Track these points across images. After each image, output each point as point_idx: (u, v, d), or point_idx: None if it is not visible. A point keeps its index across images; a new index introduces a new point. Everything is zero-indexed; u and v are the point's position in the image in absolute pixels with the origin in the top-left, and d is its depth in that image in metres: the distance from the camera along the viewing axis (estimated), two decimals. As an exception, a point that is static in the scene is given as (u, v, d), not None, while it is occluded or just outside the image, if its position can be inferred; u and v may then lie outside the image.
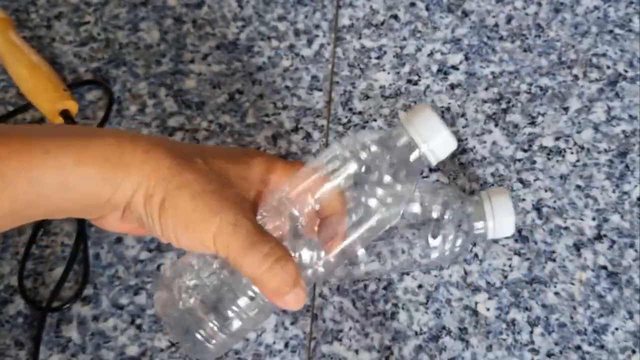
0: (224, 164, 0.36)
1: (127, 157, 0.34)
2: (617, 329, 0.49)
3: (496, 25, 0.60)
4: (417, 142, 0.37)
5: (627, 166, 0.54)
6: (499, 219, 0.48)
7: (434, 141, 0.37)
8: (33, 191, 0.33)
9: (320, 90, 0.58)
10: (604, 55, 0.58)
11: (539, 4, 0.61)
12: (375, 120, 0.57)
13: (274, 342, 0.50)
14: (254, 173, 0.37)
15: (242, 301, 0.37)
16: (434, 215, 0.47)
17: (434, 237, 0.47)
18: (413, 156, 0.38)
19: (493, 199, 0.48)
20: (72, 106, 0.57)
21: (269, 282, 0.34)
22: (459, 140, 0.55)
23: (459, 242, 0.48)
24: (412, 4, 0.62)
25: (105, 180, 0.34)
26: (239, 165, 0.37)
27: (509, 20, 0.60)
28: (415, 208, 0.47)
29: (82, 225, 0.53)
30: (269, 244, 0.34)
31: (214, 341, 0.37)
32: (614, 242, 0.52)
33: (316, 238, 0.38)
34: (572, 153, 0.55)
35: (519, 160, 0.55)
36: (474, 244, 0.51)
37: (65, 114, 0.56)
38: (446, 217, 0.47)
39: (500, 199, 0.48)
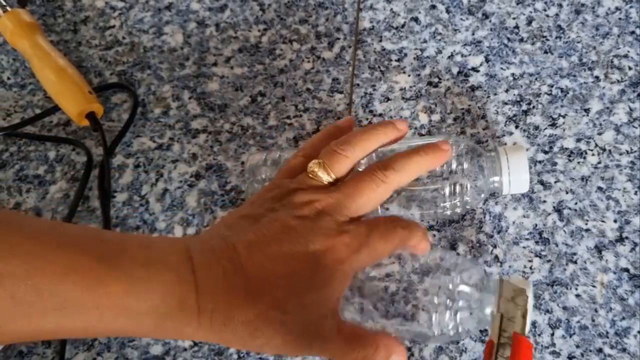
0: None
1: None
2: (639, 332, 0.49)
3: (517, 27, 0.60)
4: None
5: (649, 168, 0.54)
6: (515, 175, 0.49)
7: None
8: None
9: (341, 92, 0.59)
10: (626, 56, 0.58)
11: (560, 6, 0.61)
12: (395, 122, 0.57)
13: (296, 342, 0.50)
14: None
15: None
16: (453, 168, 0.48)
17: (451, 191, 0.48)
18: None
19: (509, 155, 0.49)
20: (98, 109, 0.58)
21: None
22: (479, 142, 0.56)
23: (473, 195, 0.49)
24: (433, 7, 0.62)
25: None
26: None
27: (529, 22, 0.60)
28: (452, 166, 0.49)
29: (107, 226, 0.54)
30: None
31: None
32: (635, 244, 0.51)
33: None
34: (593, 155, 0.55)
35: (540, 162, 0.55)
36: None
37: (91, 117, 0.57)
38: (463, 170, 0.48)
39: (517, 155, 0.49)
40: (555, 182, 0.54)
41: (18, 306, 0.33)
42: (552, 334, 0.49)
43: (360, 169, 0.43)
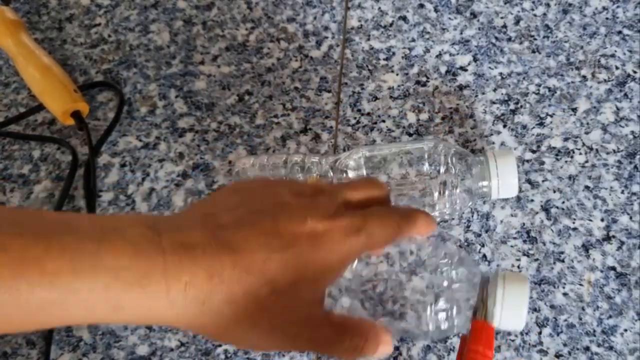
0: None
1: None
2: (626, 330, 0.49)
3: (504, 26, 0.60)
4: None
5: (635, 167, 0.54)
6: (504, 178, 0.48)
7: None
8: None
9: (329, 91, 0.59)
10: (613, 56, 0.58)
11: (548, 5, 0.61)
12: (383, 121, 0.57)
13: (283, 342, 0.50)
14: None
15: None
16: (441, 170, 0.48)
17: (440, 192, 0.48)
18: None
19: (498, 159, 0.49)
20: (83, 107, 0.57)
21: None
22: (467, 141, 0.56)
23: (461, 197, 0.49)
24: (421, 6, 0.62)
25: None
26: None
27: (517, 21, 0.61)
28: (425, 167, 0.48)
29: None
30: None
31: None
32: (622, 243, 0.51)
33: None
34: (580, 154, 0.55)
35: (528, 161, 0.55)
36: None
37: (76, 115, 0.57)
38: (452, 172, 0.48)
39: (505, 159, 0.49)
40: (543, 181, 0.54)
41: None
42: (540, 333, 0.49)
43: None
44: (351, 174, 0.49)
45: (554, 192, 0.53)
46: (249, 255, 0.32)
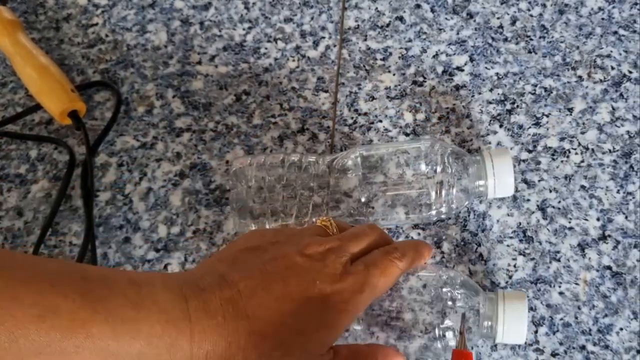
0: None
1: None
2: (621, 329, 0.49)
3: (501, 26, 0.61)
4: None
5: (631, 167, 0.54)
6: (500, 178, 0.49)
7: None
8: None
9: (326, 91, 0.59)
10: (608, 56, 0.59)
11: (544, 6, 0.61)
12: (380, 121, 0.57)
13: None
14: None
15: None
16: (438, 169, 0.49)
17: (437, 192, 0.49)
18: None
19: (495, 158, 0.49)
20: (81, 107, 0.57)
21: None
22: (464, 141, 0.56)
23: (458, 197, 0.49)
24: (418, 6, 0.62)
25: None
26: None
27: (513, 21, 0.61)
28: (422, 166, 0.49)
29: (90, 225, 0.53)
30: None
31: None
32: (618, 242, 0.52)
33: None
34: (576, 154, 0.55)
35: (524, 160, 0.55)
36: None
37: (73, 115, 0.57)
38: (449, 172, 0.49)
39: (502, 158, 0.49)
40: (539, 180, 0.54)
41: None
42: (536, 331, 0.49)
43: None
44: (349, 175, 0.50)
45: (550, 191, 0.54)
46: (263, 321, 0.34)
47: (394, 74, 0.59)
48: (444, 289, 0.44)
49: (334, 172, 0.50)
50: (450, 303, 0.44)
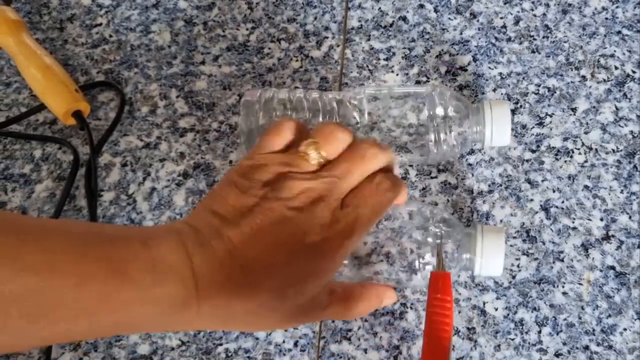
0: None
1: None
2: (625, 329, 0.49)
3: (504, 26, 0.61)
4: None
5: (635, 167, 0.54)
6: (498, 126, 0.50)
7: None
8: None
9: (330, 91, 0.59)
10: (612, 56, 0.59)
11: (547, 5, 0.61)
12: (384, 121, 0.57)
13: (284, 341, 0.50)
14: None
15: None
16: (438, 112, 0.51)
17: (436, 135, 0.51)
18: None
19: (494, 107, 0.51)
20: (85, 107, 0.57)
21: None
22: (467, 140, 0.56)
23: (457, 141, 0.51)
24: (421, 6, 0.62)
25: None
26: None
27: (517, 21, 0.61)
28: (424, 110, 0.51)
29: (93, 221, 0.53)
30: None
31: None
32: (622, 242, 0.52)
33: None
34: (580, 154, 0.55)
35: (527, 160, 0.55)
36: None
37: (77, 115, 0.57)
38: (449, 115, 0.51)
39: (501, 108, 0.51)
40: (542, 180, 0.54)
41: (31, 324, 0.32)
42: (539, 332, 0.49)
43: None
44: (355, 114, 0.52)
45: (554, 191, 0.54)
46: (258, 272, 0.37)
47: (397, 74, 0.59)
48: (425, 224, 0.47)
49: (341, 108, 0.52)
50: (430, 237, 0.46)
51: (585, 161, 0.55)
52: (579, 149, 0.55)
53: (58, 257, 0.33)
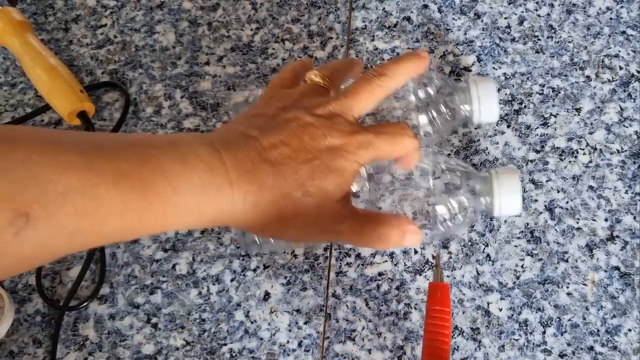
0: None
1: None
2: (630, 330, 0.49)
3: (508, 26, 0.61)
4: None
5: (639, 167, 0.54)
6: (484, 103, 0.51)
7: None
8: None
9: (334, 91, 0.59)
10: (617, 56, 0.58)
11: (551, 6, 0.61)
12: (387, 121, 0.57)
13: (288, 342, 0.50)
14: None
15: None
16: (421, 95, 0.52)
17: (422, 115, 0.52)
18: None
19: (479, 84, 0.52)
20: (89, 108, 0.58)
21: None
22: (471, 141, 0.56)
23: (446, 119, 0.52)
24: (425, 6, 0.62)
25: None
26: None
27: (521, 21, 0.61)
28: (422, 93, 0.52)
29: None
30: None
31: None
32: (626, 243, 0.52)
33: None
34: (584, 154, 0.55)
35: (532, 161, 0.55)
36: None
37: (82, 116, 0.57)
38: (436, 91, 0.52)
39: (486, 85, 0.52)
40: (547, 181, 0.54)
41: (82, 218, 0.34)
42: (544, 332, 0.49)
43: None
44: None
45: (558, 192, 0.54)
46: (284, 167, 0.40)
47: (401, 75, 0.59)
48: (443, 175, 0.49)
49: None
50: (450, 186, 0.48)
51: (590, 161, 0.55)
52: (583, 150, 0.55)
53: (91, 157, 0.35)
